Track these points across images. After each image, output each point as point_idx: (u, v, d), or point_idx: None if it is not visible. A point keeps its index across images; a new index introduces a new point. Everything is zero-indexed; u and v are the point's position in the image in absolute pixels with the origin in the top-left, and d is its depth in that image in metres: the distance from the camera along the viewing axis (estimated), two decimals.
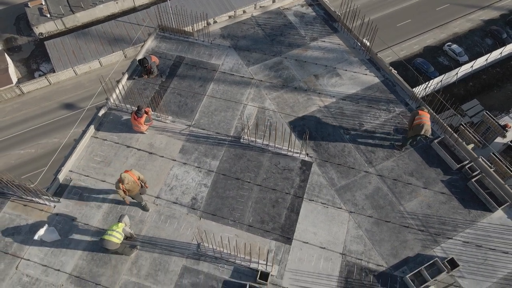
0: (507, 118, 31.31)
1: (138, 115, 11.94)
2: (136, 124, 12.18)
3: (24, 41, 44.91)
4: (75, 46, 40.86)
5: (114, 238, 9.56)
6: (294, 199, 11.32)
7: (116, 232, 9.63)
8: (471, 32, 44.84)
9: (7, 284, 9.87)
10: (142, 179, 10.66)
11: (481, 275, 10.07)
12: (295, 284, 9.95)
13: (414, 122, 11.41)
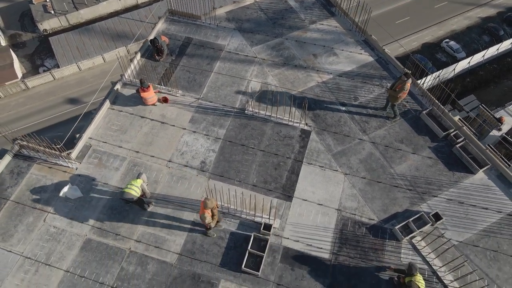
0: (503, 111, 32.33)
1: (144, 86, 12.99)
2: (147, 97, 13.20)
3: (28, 37, 45.86)
4: (79, 42, 41.72)
5: (133, 191, 10.63)
6: (294, 162, 12.43)
7: (134, 186, 10.70)
8: (469, 29, 45.71)
9: (36, 234, 10.98)
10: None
11: (463, 227, 11.17)
12: (295, 235, 11.06)
13: (401, 93, 12.42)
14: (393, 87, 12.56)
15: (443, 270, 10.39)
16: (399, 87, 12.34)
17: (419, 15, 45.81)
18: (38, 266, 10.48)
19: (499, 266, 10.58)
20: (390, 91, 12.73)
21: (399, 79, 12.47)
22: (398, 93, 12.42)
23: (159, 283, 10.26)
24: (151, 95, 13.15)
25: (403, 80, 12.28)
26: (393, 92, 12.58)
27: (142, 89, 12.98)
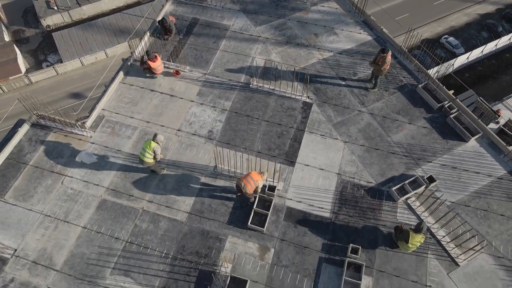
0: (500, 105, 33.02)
1: (151, 57, 13.72)
2: (156, 66, 13.87)
3: (31, 33, 46.52)
4: (81, 38, 42.29)
5: (146, 158, 11.28)
6: (297, 131, 13.14)
7: (147, 153, 11.27)
8: (468, 25, 46.31)
9: (54, 195, 11.70)
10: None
11: (455, 190, 11.87)
12: (297, 196, 11.77)
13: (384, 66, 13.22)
14: (376, 61, 13.41)
15: (436, 227, 11.12)
16: (380, 61, 13.22)
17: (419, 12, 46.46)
18: (57, 223, 11.19)
19: (489, 223, 11.29)
20: (374, 65, 13.57)
21: (379, 55, 13.32)
22: (381, 67, 13.29)
23: (170, 238, 10.98)
24: (158, 64, 13.88)
25: (383, 55, 13.11)
26: (377, 66, 13.45)
27: (151, 60, 13.69)
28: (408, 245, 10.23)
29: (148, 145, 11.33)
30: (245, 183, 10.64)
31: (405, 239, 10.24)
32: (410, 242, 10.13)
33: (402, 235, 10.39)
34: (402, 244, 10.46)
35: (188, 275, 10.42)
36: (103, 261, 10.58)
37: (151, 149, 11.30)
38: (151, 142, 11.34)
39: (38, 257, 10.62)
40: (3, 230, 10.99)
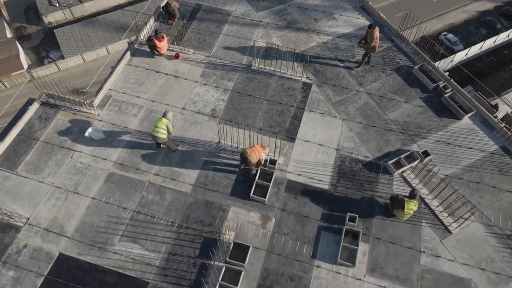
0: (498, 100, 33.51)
1: (159, 36, 14.27)
2: (162, 45, 14.44)
3: (33, 30, 46.92)
4: (83, 34, 42.61)
5: (160, 134, 11.77)
6: (297, 110, 13.63)
7: (160, 128, 11.79)
8: (467, 22, 46.65)
9: (64, 168, 12.19)
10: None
11: (449, 164, 12.37)
12: (297, 170, 12.27)
13: (374, 42, 13.78)
14: (365, 40, 13.99)
15: (430, 198, 11.61)
16: (369, 37, 13.77)
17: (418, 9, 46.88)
18: (68, 195, 11.69)
19: (481, 195, 11.78)
20: (364, 45, 14.13)
21: (367, 33, 13.94)
22: (371, 43, 13.84)
23: (176, 208, 11.48)
24: (164, 44, 14.48)
25: (370, 31, 13.68)
26: (367, 44, 14.00)
27: (158, 39, 14.23)
28: (404, 212, 10.73)
29: (160, 121, 11.84)
30: (250, 151, 11.16)
31: (401, 207, 10.75)
32: (406, 208, 10.63)
33: (397, 204, 10.89)
34: (398, 212, 10.96)
35: (193, 241, 10.92)
36: (112, 229, 11.08)
37: (164, 125, 11.82)
38: (162, 119, 11.87)
39: (49, 225, 11.13)
40: (15, 200, 11.48)
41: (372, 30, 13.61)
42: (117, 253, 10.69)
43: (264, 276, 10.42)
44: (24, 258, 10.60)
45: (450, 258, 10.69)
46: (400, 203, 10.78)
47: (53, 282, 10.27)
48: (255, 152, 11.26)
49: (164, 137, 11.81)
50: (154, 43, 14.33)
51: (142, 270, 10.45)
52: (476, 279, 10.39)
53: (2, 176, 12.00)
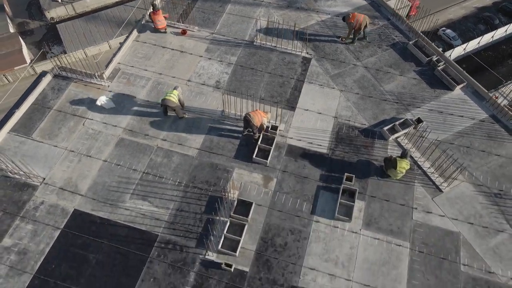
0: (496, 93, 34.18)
1: (155, 9, 15.06)
2: (156, 20, 15.22)
3: (36, 25, 47.54)
4: (85, 29, 43.13)
5: (172, 98, 12.52)
6: (297, 82, 14.33)
7: (172, 94, 12.58)
8: (465, 18, 47.20)
9: (77, 134, 12.89)
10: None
11: (441, 130, 13.05)
12: (297, 136, 12.96)
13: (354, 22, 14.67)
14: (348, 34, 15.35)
15: (422, 160, 12.31)
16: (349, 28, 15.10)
17: None
18: (81, 157, 12.39)
19: (471, 158, 12.48)
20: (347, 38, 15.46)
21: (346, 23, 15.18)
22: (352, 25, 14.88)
23: (182, 170, 12.17)
24: (159, 18, 15.25)
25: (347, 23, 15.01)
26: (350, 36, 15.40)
27: (153, 12, 14.99)
28: (397, 171, 11.43)
29: (172, 91, 12.78)
30: (253, 114, 11.87)
31: (393, 166, 11.44)
32: (398, 167, 11.33)
33: (390, 163, 11.59)
34: (392, 171, 11.65)
35: (199, 199, 11.62)
36: (123, 188, 11.78)
37: (176, 94, 12.71)
38: (173, 90, 12.78)
39: (64, 185, 11.83)
40: (32, 163, 12.17)
41: (346, 21, 14.80)
42: (128, 209, 11.39)
43: (266, 230, 11.12)
44: (41, 214, 11.30)
45: (441, 214, 11.39)
46: (392, 163, 11.48)
47: (69, 234, 10.97)
48: (257, 116, 11.96)
49: (175, 102, 12.53)
50: (151, 17, 15.17)
51: (152, 225, 11.16)
52: (465, 232, 11.09)
53: (19, 141, 12.70)
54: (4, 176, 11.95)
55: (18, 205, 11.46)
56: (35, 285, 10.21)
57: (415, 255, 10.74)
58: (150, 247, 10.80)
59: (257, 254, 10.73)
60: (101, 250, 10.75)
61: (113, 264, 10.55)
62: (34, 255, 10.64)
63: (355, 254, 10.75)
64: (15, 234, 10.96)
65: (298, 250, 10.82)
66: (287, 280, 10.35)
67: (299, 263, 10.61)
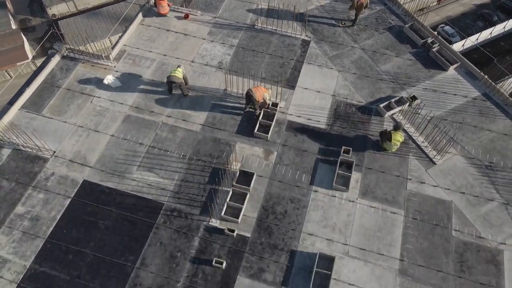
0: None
1: None
2: (161, 5, 15.76)
3: (37, 22, 48.07)
4: (87, 26, 43.57)
5: (177, 74, 13.06)
6: (297, 63, 14.86)
7: (177, 72, 13.12)
8: (464, 15, 47.66)
9: (85, 111, 13.42)
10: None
11: (435, 107, 13.56)
12: (297, 112, 13.49)
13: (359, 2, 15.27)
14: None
15: (417, 134, 12.85)
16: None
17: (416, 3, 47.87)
18: (89, 132, 12.91)
19: (463, 133, 13.00)
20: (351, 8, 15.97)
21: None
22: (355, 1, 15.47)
23: (186, 144, 12.70)
24: (163, 4, 15.89)
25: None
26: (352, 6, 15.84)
27: None
28: (391, 143, 11.95)
29: (176, 69, 13.33)
30: (255, 90, 12.41)
31: (388, 139, 11.97)
32: (393, 140, 11.85)
33: (385, 136, 12.11)
34: (387, 144, 12.17)
35: (203, 171, 12.14)
36: (130, 160, 12.31)
37: (180, 71, 13.27)
38: (177, 68, 13.36)
39: (74, 157, 12.35)
40: (42, 137, 12.67)
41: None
42: (135, 180, 11.92)
43: (267, 198, 11.65)
44: (52, 184, 11.83)
45: (434, 184, 11.92)
46: (387, 136, 12.00)
47: (79, 203, 11.51)
48: (259, 91, 12.49)
49: (180, 78, 13.06)
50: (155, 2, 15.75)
51: (158, 194, 11.68)
52: (457, 201, 11.61)
53: (30, 117, 13.22)
54: (16, 149, 12.49)
55: (30, 176, 11.99)
56: (47, 248, 10.75)
57: (409, 221, 11.27)
58: (157, 215, 11.33)
59: (259, 221, 11.26)
60: (110, 217, 11.28)
61: (121, 230, 11.08)
62: (46, 221, 11.17)
63: (351, 221, 11.28)
64: (27, 202, 11.49)
65: (297, 217, 11.35)
66: (287, 245, 10.88)
67: (298, 229, 11.14)
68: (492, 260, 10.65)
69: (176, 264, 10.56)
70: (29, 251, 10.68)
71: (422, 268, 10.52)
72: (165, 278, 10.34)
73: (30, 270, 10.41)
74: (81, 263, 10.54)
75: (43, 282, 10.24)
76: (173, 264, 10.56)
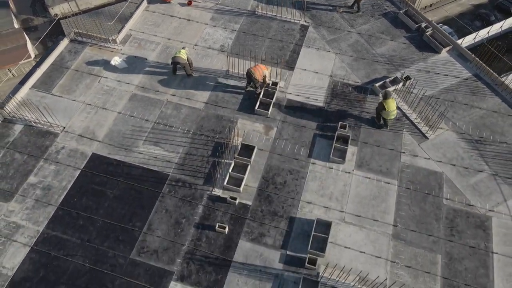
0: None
1: None
2: None
3: (40, 21, 48.85)
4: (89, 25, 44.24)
5: (182, 55, 13.69)
6: (295, 46, 15.49)
7: (181, 53, 13.76)
8: (461, 15, 48.34)
9: (93, 90, 14.03)
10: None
11: (427, 87, 14.15)
12: (296, 91, 14.10)
13: None
14: None
15: (410, 111, 13.46)
16: None
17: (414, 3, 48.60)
18: (97, 110, 13.52)
19: (455, 110, 13.61)
20: None
21: None
22: None
23: (190, 120, 13.30)
24: None
25: None
26: None
27: None
28: (389, 111, 12.46)
29: (180, 50, 13.97)
30: (254, 70, 13.02)
31: (383, 109, 12.50)
32: (388, 108, 12.38)
33: (379, 108, 12.66)
34: (384, 113, 12.58)
35: (206, 145, 12.74)
36: (136, 135, 12.90)
37: (184, 52, 13.90)
38: (181, 50, 13.98)
39: (83, 132, 12.95)
40: (52, 114, 13.23)
41: None
42: (141, 153, 12.51)
43: (267, 170, 12.24)
44: (63, 156, 12.42)
45: (426, 157, 12.52)
46: (380, 106, 12.54)
47: (88, 174, 12.09)
48: (258, 70, 13.10)
49: (184, 59, 13.70)
50: None
51: (163, 166, 12.27)
52: (448, 172, 12.21)
53: (40, 95, 13.83)
54: (28, 125, 13.09)
55: (41, 149, 12.58)
56: (59, 215, 11.32)
57: (402, 191, 11.86)
58: (162, 184, 11.91)
59: (259, 191, 11.85)
60: (118, 187, 11.87)
61: (128, 198, 11.66)
62: (58, 190, 11.75)
63: (347, 190, 11.87)
64: (39, 173, 12.08)
65: (296, 187, 11.93)
66: (286, 212, 11.46)
67: (297, 198, 11.72)
68: (480, 226, 11.23)
69: (181, 230, 11.14)
70: (42, 217, 11.26)
71: (414, 232, 11.11)
72: (171, 242, 10.91)
73: (43, 234, 10.99)
74: (91, 228, 11.12)
75: (55, 245, 10.82)
76: (178, 230, 11.14)
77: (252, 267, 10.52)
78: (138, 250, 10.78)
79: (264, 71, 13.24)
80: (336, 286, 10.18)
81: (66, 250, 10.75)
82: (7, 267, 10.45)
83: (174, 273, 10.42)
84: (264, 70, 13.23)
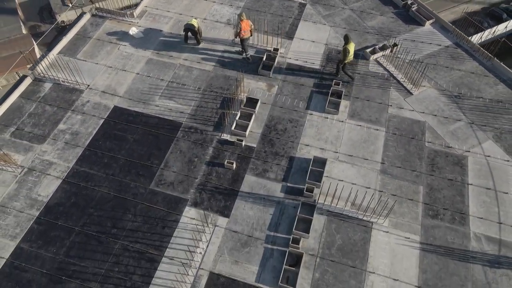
0: None
1: None
2: None
3: (47, 28, 50.99)
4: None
5: (193, 22, 15.40)
6: (294, 20, 17.22)
7: (193, 21, 15.49)
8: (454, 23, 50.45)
9: (113, 55, 15.69)
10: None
11: (412, 52, 15.76)
12: (295, 56, 15.76)
13: None
14: None
15: (397, 72, 15.09)
16: None
17: None
18: (118, 71, 15.14)
19: (437, 71, 15.25)
20: None
21: None
22: None
23: (201, 79, 14.92)
24: None
25: None
26: None
27: None
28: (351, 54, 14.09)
29: (192, 19, 15.67)
30: None
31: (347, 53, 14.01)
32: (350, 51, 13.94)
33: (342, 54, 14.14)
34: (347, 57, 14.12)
35: (215, 99, 14.33)
36: (153, 91, 14.50)
37: (196, 21, 15.59)
38: (193, 19, 15.69)
39: (105, 89, 14.55)
40: (78, 74, 14.85)
41: None
42: (157, 106, 14.09)
43: (270, 119, 13.80)
44: (88, 108, 14.00)
45: (410, 109, 14.09)
46: (344, 52, 14.01)
47: (111, 122, 13.64)
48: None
49: (196, 26, 15.39)
50: None
51: (177, 116, 13.83)
52: (430, 121, 13.76)
53: (66, 60, 15.43)
54: (56, 83, 14.69)
55: (69, 102, 14.16)
56: (86, 154, 12.84)
57: (389, 136, 13.40)
58: (176, 131, 13.46)
59: (263, 136, 13.39)
60: (137, 132, 13.41)
61: (147, 142, 13.19)
62: (84, 135, 13.29)
63: (341, 135, 13.41)
64: (68, 121, 13.64)
65: (295, 133, 13.48)
66: (286, 152, 12.98)
67: (296, 141, 13.25)
68: (458, 163, 12.74)
69: (194, 166, 12.64)
70: (71, 156, 12.77)
71: (400, 168, 12.61)
72: (185, 176, 12.41)
73: (73, 169, 12.49)
74: (115, 165, 12.63)
75: (84, 178, 12.30)
76: (191, 166, 12.64)
77: (257, 196, 12.00)
78: (157, 182, 12.26)
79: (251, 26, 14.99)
80: (330, 210, 11.66)
81: (93, 182, 12.24)
82: (42, 195, 11.92)
83: (188, 200, 11.90)
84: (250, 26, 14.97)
